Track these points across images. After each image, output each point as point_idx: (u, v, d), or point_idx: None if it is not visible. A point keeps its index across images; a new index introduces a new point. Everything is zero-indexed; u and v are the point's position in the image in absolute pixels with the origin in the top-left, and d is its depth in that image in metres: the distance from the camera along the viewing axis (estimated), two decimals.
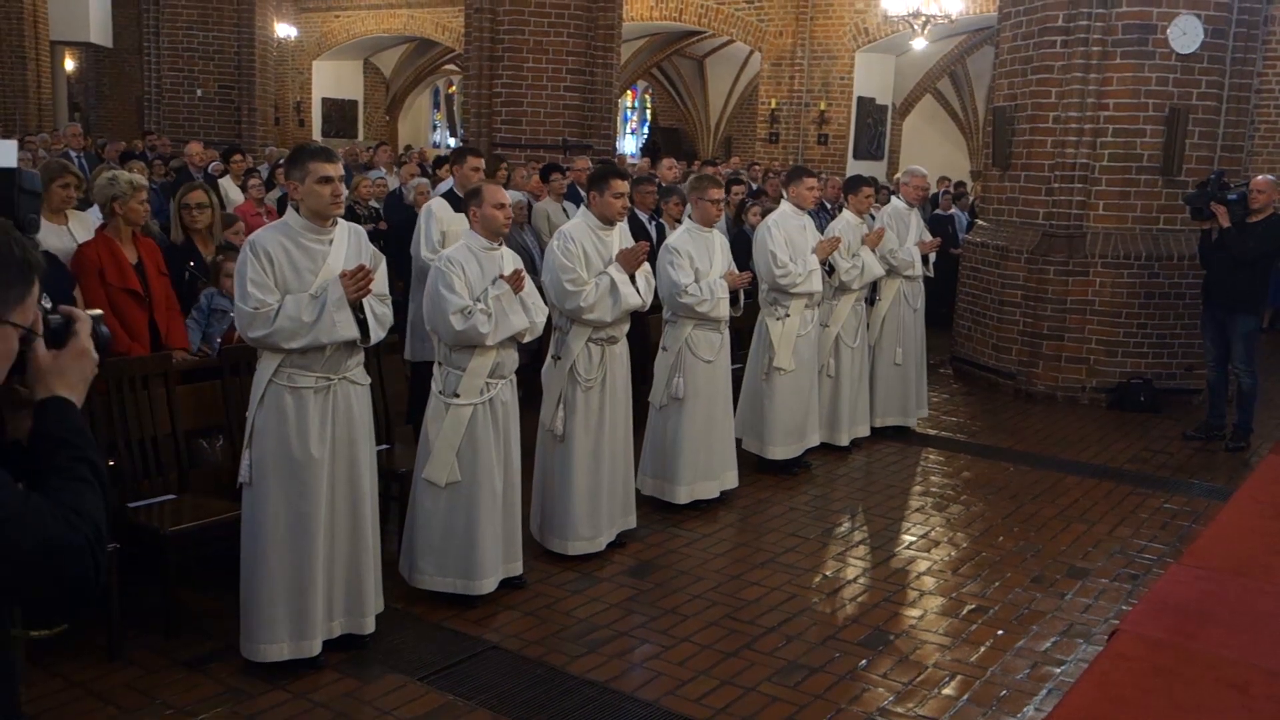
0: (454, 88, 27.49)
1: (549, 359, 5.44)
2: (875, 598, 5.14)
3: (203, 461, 5.18)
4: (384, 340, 5.84)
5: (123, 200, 5.13)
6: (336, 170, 4.05)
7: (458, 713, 3.92)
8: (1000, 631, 4.82)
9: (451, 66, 25.72)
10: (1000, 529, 6.19)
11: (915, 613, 5.02)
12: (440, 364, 4.79)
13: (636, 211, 8.35)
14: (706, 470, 6.16)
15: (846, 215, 7.61)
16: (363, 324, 4.10)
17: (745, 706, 4.06)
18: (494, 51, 11.97)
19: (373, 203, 9.98)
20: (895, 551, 5.80)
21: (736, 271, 6.25)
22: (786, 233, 6.80)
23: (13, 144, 1.86)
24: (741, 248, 9.33)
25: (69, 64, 22.65)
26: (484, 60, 12.05)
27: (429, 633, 4.54)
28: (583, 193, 9.19)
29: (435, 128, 28.95)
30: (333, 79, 25.39)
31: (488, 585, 4.73)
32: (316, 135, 23.42)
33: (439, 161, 12.83)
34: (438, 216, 6.51)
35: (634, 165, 15.89)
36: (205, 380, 5.15)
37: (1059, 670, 4.46)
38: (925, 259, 8.03)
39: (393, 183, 10.96)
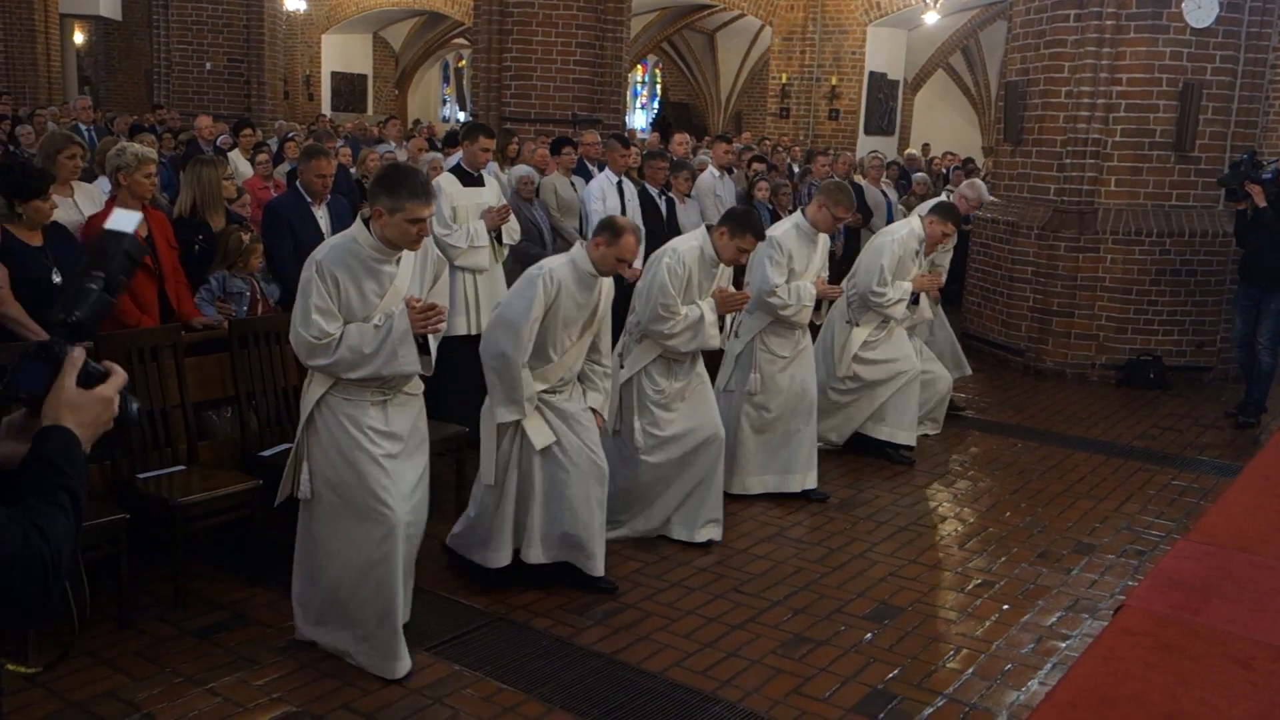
0: (463, 62, 27.40)
1: (615, 356, 5.24)
2: (881, 572, 5.15)
3: (211, 433, 5.21)
4: None
5: (127, 171, 5.12)
6: (430, 212, 3.83)
7: (464, 682, 3.94)
8: (1006, 606, 4.83)
9: (461, 40, 25.63)
10: (1007, 505, 6.19)
11: (921, 587, 5.03)
12: None
13: (647, 186, 8.34)
14: (774, 465, 6.06)
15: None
16: (424, 351, 3.92)
17: (750, 679, 4.08)
18: (503, 25, 11.91)
19: None
20: (902, 526, 5.80)
21: (827, 280, 6.11)
22: (905, 252, 6.69)
23: (138, 215, 1.93)
24: None
25: (78, 37, 22.64)
26: (493, 34, 12.00)
27: (436, 603, 4.56)
28: (591, 167, 9.18)
29: (445, 102, 28.90)
30: (342, 53, 25.33)
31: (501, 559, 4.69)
32: (326, 109, 23.38)
33: (449, 138, 12.79)
34: (447, 192, 6.51)
35: (644, 140, 15.84)
36: (214, 353, 5.17)
37: (1064, 645, 4.47)
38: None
39: (401, 156, 10.94)
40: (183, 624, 4.30)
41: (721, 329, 5.39)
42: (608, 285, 4.74)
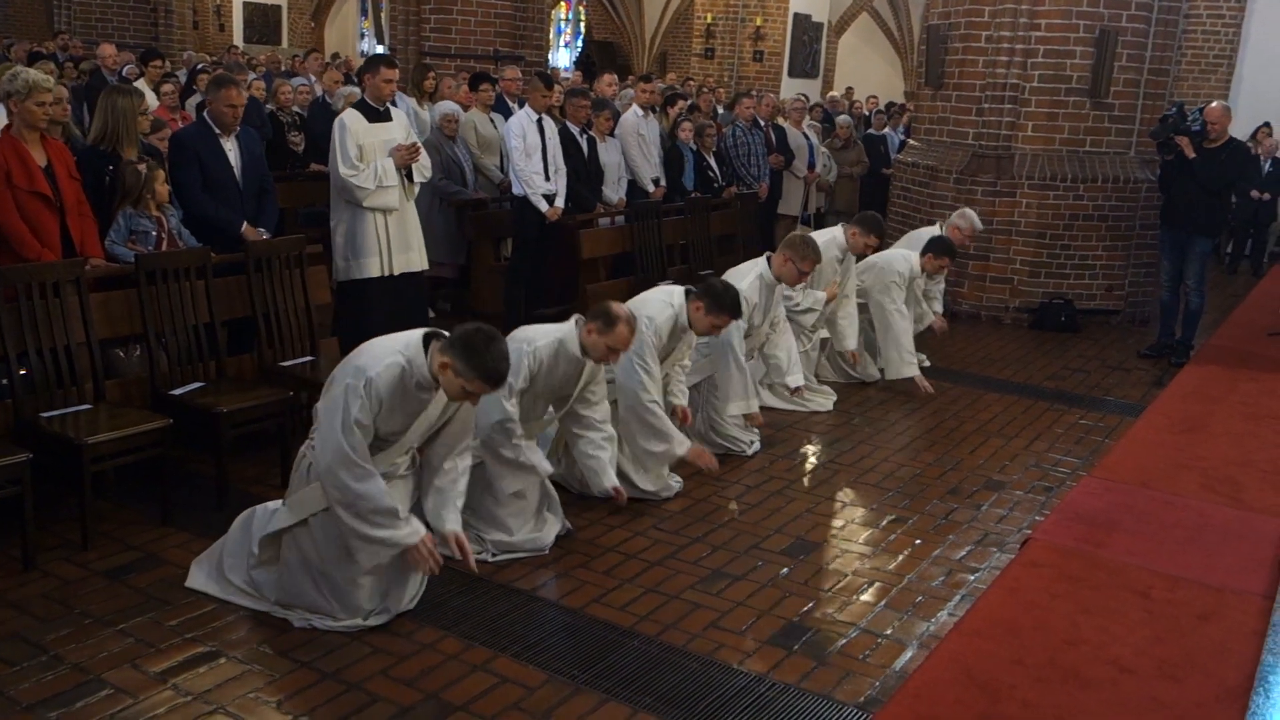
0: None
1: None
2: (798, 508, 5.23)
3: (119, 372, 5.07)
4: (307, 250, 5.77)
5: (18, 99, 4.88)
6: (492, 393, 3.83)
7: (382, 618, 3.92)
8: (918, 541, 4.95)
9: None
10: (921, 443, 6.32)
11: (837, 523, 5.12)
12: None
13: (568, 124, 8.24)
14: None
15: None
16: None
17: (668, 614, 4.12)
18: None
19: (295, 108, 9.70)
20: (818, 464, 5.89)
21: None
22: (824, 262, 6.65)
23: None
24: (674, 161, 9.28)
25: None
26: None
27: None
28: (511, 104, 9.03)
29: (363, 36, 28.11)
30: None
31: None
32: (238, 41, 22.61)
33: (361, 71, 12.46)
34: (351, 130, 6.25)
35: (568, 79, 15.64)
36: (120, 289, 5.01)
37: (973, 577, 4.60)
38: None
39: (316, 90, 10.65)
40: (91, 565, 4.20)
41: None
42: (591, 366, 4.67)
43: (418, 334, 3.76)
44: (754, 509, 5.21)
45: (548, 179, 7.75)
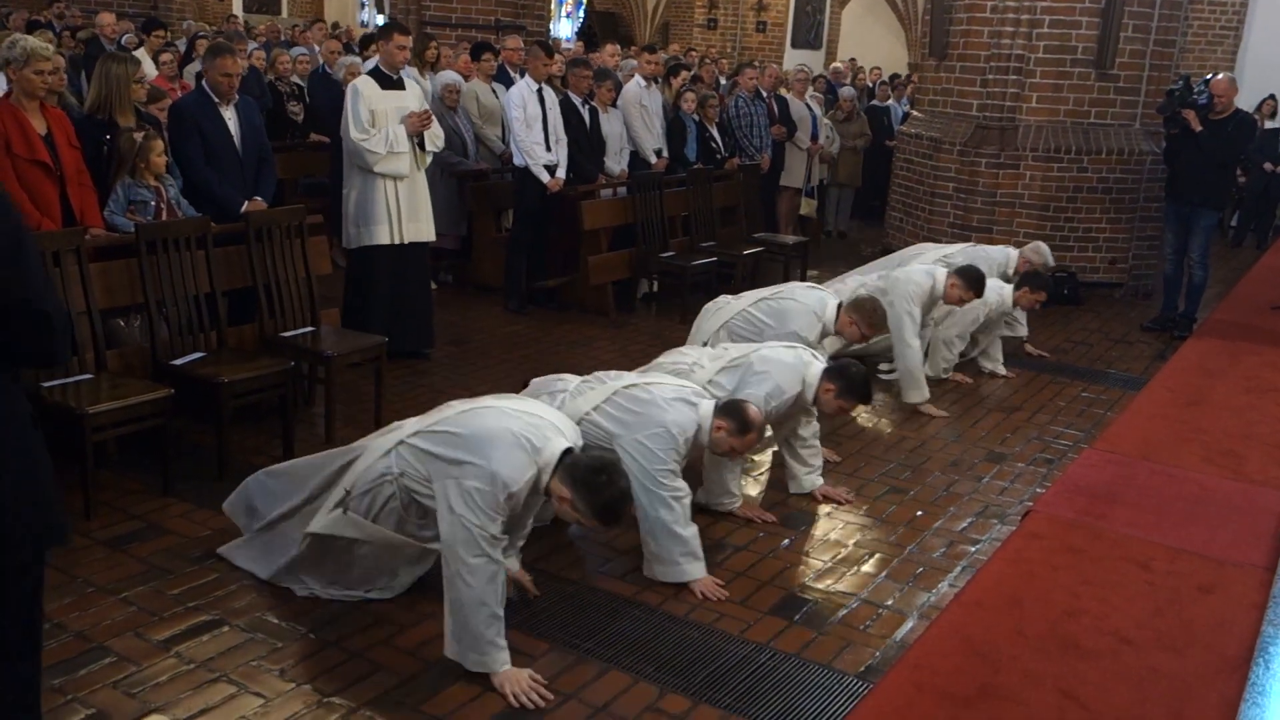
0: None
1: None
2: None
3: (120, 341, 5.06)
4: (307, 221, 5.75)
5: (17, 66, 4.84)
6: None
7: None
8: (919, 512, 4.95)
9: None
10: (923, 415, 6.31)
11: None
12: None
13: (570, 94, 8.19)
14: None
15: (1007, 298, 7.06)
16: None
17: (669, 584, 4.13)
18: None
19: (294, 78, 9.64)
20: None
21: None
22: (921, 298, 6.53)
23: None
24: (676, 132, 9.24)
25: None
26: None
27: None
28: (513, 74, 8.96)
29: (363, 5, 27.90)
30: None
31: None
32: (237, 10, 22.44)
33: (365, 40, 12.37)
34: (364, 95, 6.27)
35: (569, 50, 15.54)
36: (120, 258, 4.99)
37: (974, 549, 4.61)
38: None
39: (319, 60, 10.57)
40: (93, 534, 4.21)
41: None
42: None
43: (556, 443, 3.50)
44: (754, 480, 5.21)
45: (549, 149, 7.71)
